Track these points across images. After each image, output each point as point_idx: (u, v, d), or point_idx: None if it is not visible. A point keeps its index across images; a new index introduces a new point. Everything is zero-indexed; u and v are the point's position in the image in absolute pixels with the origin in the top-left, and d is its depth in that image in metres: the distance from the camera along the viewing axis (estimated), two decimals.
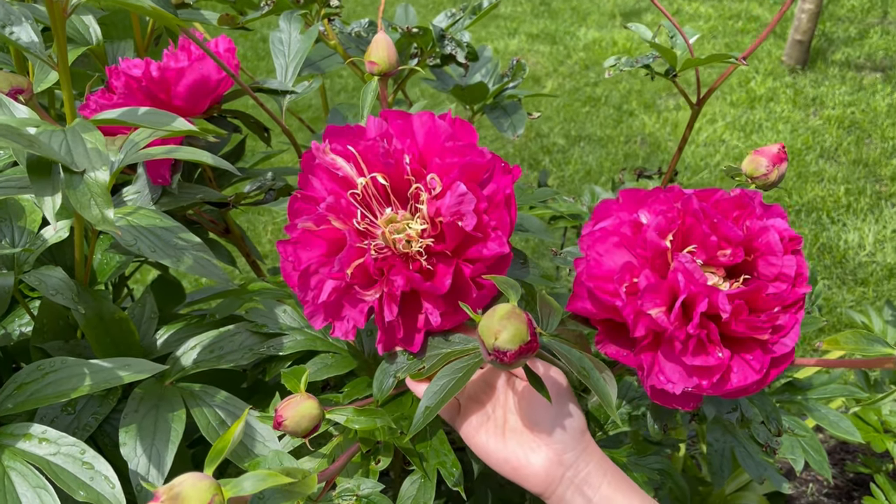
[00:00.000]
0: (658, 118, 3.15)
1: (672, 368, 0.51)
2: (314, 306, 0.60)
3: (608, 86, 3.46)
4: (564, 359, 0.50)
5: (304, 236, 0.59)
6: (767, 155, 0.60)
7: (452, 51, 0.93)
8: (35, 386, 0.59)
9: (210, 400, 0.67)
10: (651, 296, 0.49)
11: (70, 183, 0.51)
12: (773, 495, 1.40)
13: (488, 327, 0.47)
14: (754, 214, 0.50)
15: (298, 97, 0.83)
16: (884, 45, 3.85)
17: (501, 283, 0.52)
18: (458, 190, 0.54)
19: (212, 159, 0.64)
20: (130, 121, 0.56)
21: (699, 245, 0.51)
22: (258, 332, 0.72)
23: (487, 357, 0.48)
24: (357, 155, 0.58)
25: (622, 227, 0.53)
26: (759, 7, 4.31)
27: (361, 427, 0.59)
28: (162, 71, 0.73)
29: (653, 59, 0.89)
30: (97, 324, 0.68)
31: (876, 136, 3.02)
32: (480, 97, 1.09)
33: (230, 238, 0.89)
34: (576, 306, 0.54)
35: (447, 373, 0.55)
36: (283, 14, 0.88)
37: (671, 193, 0.52)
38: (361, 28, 1.08)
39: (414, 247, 0.57)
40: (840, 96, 3.32)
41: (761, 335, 0.49)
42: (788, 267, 0.49)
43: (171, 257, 0.65)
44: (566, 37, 3.97)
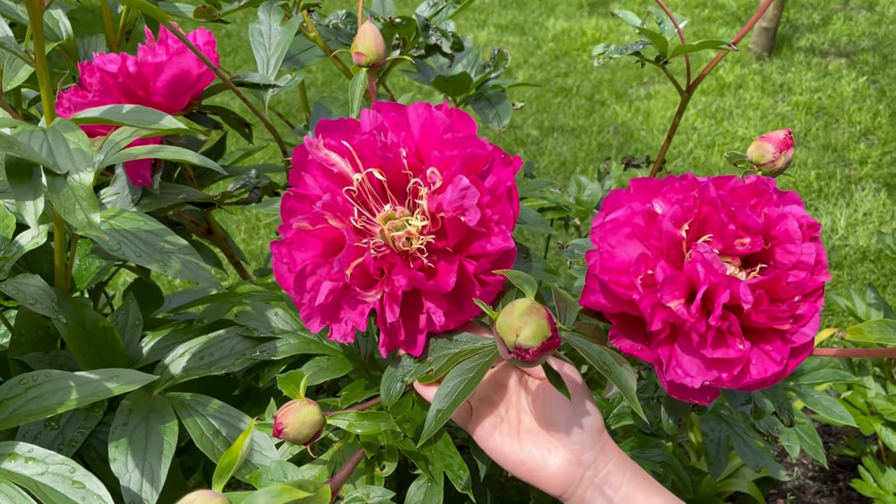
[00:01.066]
0: (630, 107, 3.16)
1: (690, 362, 0.49)
2: (311, 309, 0.58)
3: (579, 76, 3.45)
4: (585, 354, 0.48)
5: (298, 236, 0.56)
6: (774, 141, 0.59)
7: (437, 41, 0.91)
8: (18, 402, 0.56)
9: (202, 409, 0.64)
10: (670, 288, 0.47)
11: (53, 186, 0.48)
12: (761, 481, 1.41)
13: (508, 324, 0.45)
14: (771, 201, 0.49)
15: (281, 91, 0.80)
16: (847, 31, 3.90)
17: (516, 278, 0.50)
18: (461, 184, 0.52)
19: (197, 158, 0.62)
20: (114, 119, 0.53)
21: (715, 234, 0.49)
22: (249, 336, 0.69)
23: (508, 355, 0.46)
24: (352, 150, 0.56)
25: (635, 218, 0.51)
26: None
27: (364, 432, 0.56)
28: (139, 66, 0.70)
29: (642, 46, 0.87)
30: (80, 333, 0.64)
31: (843, 121, 3.06)
32: (464, 88, 1.07)
33: (212, 239, 0.86)
34: (589, 300, 0.52)
35: (457, 374, 0.53)
36: (262, 5, 0.84)
37: (685, 182, 0.51)
38: (339, 20, 1.05)
39: (414, 244, 0.54)
40: (807, 82, 3.36)
41: (782, 325, 0.48)
42: (808, 255, 0.48)
43: (157, 262, 0.62)
44: (535, 27, 3.96)
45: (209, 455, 0.61)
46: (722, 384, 0.49)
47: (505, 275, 0.51)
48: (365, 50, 0.63)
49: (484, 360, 0.53)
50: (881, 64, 3.55)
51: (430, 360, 0.56)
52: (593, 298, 0.52)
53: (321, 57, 1.02)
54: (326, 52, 0.98)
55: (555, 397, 0.51)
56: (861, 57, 3.62)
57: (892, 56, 3.61)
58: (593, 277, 0.52)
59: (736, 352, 0.47)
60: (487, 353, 0.54)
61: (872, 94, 3.28)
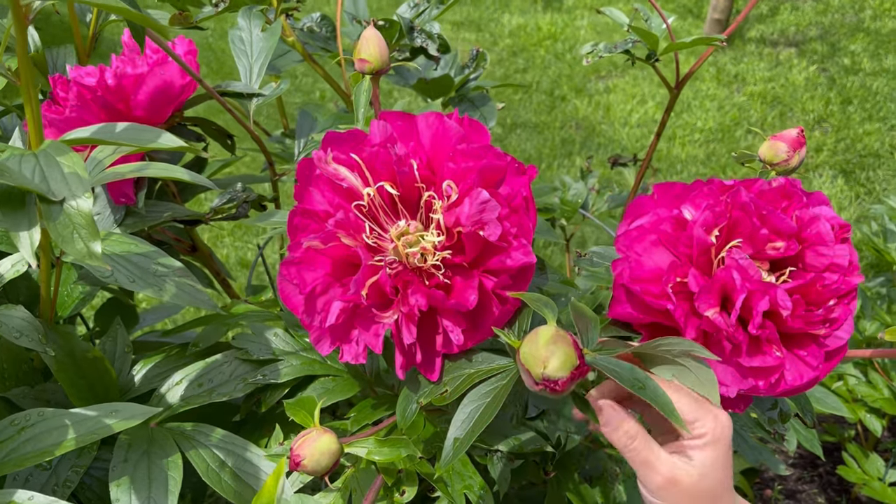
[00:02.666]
0: (590, 102, 3.17)
1: (724, 370, 0.48)
2: (321, 330, 0.55)
3: (537, 72, 3.46)
4: (615, 375, 0.46)
5: (307, 255, 0.53)
6: (787, 140, 0.58)
7: (423, 43, 0.88)
8: (11, 445, 0.52)
9: (205, 440, 0.61)
10: (706, 296, 0.46)
11: (48, 214, 0.44)
12: (747, 472, 1.42)
13: (533, 355, 0.43)
14: (801, 203, 0.48)
15: (267, 100, 0.77)
16: (794, 21, 3.98)
17: (534, 302, 0.48)
18: (480, 197, 0.50)
19: (187, 174, 0.58)
20: (108, 139, 0.49)
21: (745, 239, 0.48)
22: (249, 359, 0.66)
23: (535, 387, 0.44)
24: (361, 163, 0.53)
25: (662, 225, 0.49)
26: None
27: (384, 459, 0.54)
28: (119, 78, 0.66)
29: (632, 44, 0.86)
30: (69, 365, 0.60)
31: (797, 110, 3.12)
32: (445, 90, 1.04)
33: (197, 257, 0.82)
34: (617, 311, 0.50)
35: (474, 398, 0.51)
36: (241, 10, 0.81)
37: (713, 186, 0.49)
38: (314, 23, 1.02)
39: (429, 260, 0.52)
40: (760, 72, 3.42)
41: (817, 330, 0.47)
42: (841, 256, 0.47)
43: (152, 286, 0.59)
44: (490, 24, 3.95)
45: (216, 488, 0.58)
46: (758, 392, 0.47)
47: (522, 298, 0.49)
48: (368, 56, 0.60)
49: (501, 384, 0.51)
50: (829, 52, 3.63)
51: (444, 381, 0.54)
52: (621, 309, 0.50)
53: (298, 61, 0.99)
54: (305, 57, 0.94)
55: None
56: (810, 46, 3.70)
57: (840, 45, 3.70)
58: (621, 287, 0.50)
59: (774, 359, 0.46)
60: (505, 376, 0.51)
61: (823, 82, 3.36)
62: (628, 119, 3.03)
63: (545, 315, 0.46)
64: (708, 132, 2.96)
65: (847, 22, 3.95)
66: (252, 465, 0.61)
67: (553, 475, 0.68)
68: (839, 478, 1.51)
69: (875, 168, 2.77)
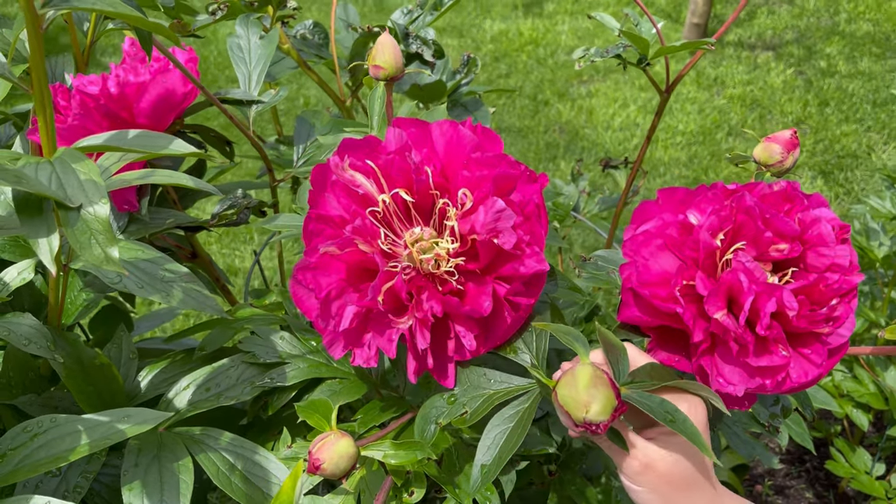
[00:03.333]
0: (573, 106, 3.20)
1: (731, 370, 0.49)
2: (335, 334, 0.56)
3: (520, 76, 3.48)
4: (646, 408, 0.47)
5: (323, 260, 0.54)
6: (781, 141, 0.60)
7: (418, 49, 0.89)
8: (24, 451, 0.52)
9: (214, 443, 0.61)
10: (714, 299, 0.47)
11: (66, 220, 0.44)
12: (737, 468, 1.44)
13: (574, 399, 0.44)
14: (803, 206, 0.49)
15: (267, 106, 0.78)
16: (771, 25, 4.04)
17: (565, 336, 0.48)
18: (496, 206, 0.51)
19: (192, 181, 0.59)
20: (121, 146, 0.50)
21: (749, 241, 0.50)
22: (255, 363, 0.66)
23: (575, 429, 0.45)
24: (377, 170, 0.54)
25: (668, 229, 0.51)
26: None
27: (400, 462, 0.55)
28: (121, 87, 0.67)
29: (623, 49, 0.88)
30: (78, 372, 0.61)
31: (776, 112, 3.17)
32: (438, 96, 1.05)
33: (197, 263, 0.82)
34: (626, 315, 0.51)
35: (498, 422, 0.52)
36: (239, 18, 0.82)
37: (716, 191, 0.51)
38: (306, 30, 1.03)
39: (443, 266, 0.53)
40: (739, 75, 3.46)
41: (821, 328, 0.48)
42: (842, 257, 0.48)
43: (160, 292, 0.59)
44: (472, 29, 3.97)
45: (227, 491, 0.59)
46: (765, 391, 0.49)
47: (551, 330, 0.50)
48: (383, 63, 0.61)
49: (524, 407, 0.52)
50: (806, 55, 3.68)
51: (463, 402, 0.55)
52: (629, 312, 0.52)
53: (293, 68, 0.99)
54: (300, 64, 0.95)
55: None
56: (786, 49, 3.75)
57: (815, 47, 3.76)
58: (629, 291, 0.51)
59: (780, 358, 0.47)
60: (527, 399, 0.52)
61: (800, 84, 3.41)
62: (611, 123, 3.06)
63: (578, 352, 0.46)
64: (689, 135, 2.99)
65: (822, 25, 4.01)
66: (261, 468, 0.61)
67: (557, 475, 0.69)
68: (826, 473, 1.54)
69: (853, 168, 2.82)
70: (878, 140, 2.98)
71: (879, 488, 1.23)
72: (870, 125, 3.08)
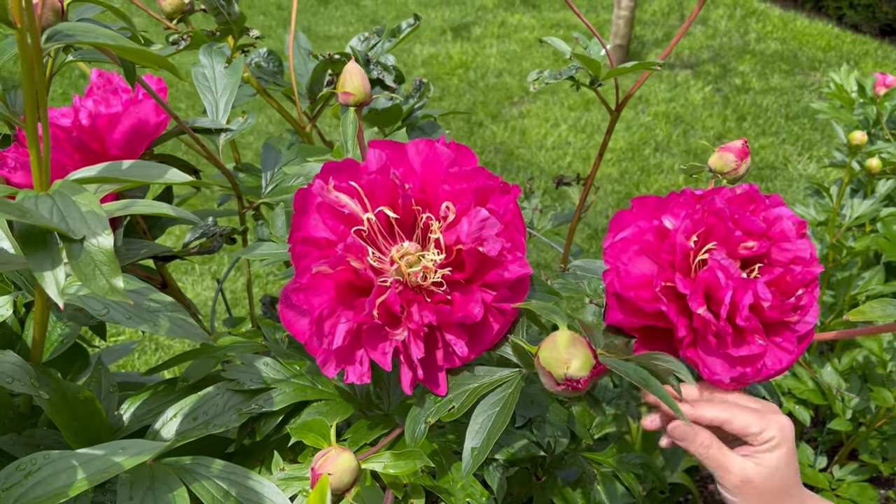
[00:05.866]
0: (506, 127, 3.27)
1: (714, 362, 0.53)
2: (327, 353, 0.57)
3: (452, 99, 3.54)
4: (621, 372, 0.50)
5: (314, 281, 0.55)
6: (734, 150, 0.65)
7: (379, 75, 0.91)
8: (19, 490, 0.51)
9: (206, 472, 0.61)
10: (696, 296, 0.50)
11: (70, 253, 0.44)
12: (689, 469, 1.49)
13: (555, 358, 0.47)
14: (765, 205, 0.54)
15: (235, 134, 0.78)
16: (688, 45, 4.23)
17: (544, 310, 0.51)
18: (480, 215, 0.54)
19: (173, 210, 0.59)
20: (115, 176, 0.50)
21: (720, 241, 0.53)
22: (241, 390, 0.66)
23: (556, 387, 0.48)
24: (360, 190, 0.56)
25: (645, 235, 0.54)
26: (575, 16, 4.60)
27: (399, 472, 0.56)
28: (93, 118, 0.67)
29: (575, 71, 0.92)
30: (63, 408, 0.60)
31: (698, 127, 3.31)
32: (395, 119, 1.08)
33: (168, 293, 0.82)
34: (611, 318, 0.54)
35: (484, 408, 0.54)
36: (202, 48, 0.82)
37: (686, 197, 0.54)
38: (261, 58, 1.04)
39: (430, 278, 0.55)
40: (661, 93, 3.61)
41: (790, 317, 0.52)
42: (803, 250, 0.53)
43: (147, 322, 0.59)
44: (403, 54, 4.02)
45: None
46: (746, 378, 0.53)
47: (532, 308, 0.53)
48: (353, 89, 0.63)
49: (508, 392, 0.54)
50: (721, 73, 3.87)
51: (450, 398, 0.57)
52: (614, 315, 0.55)
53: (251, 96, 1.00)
54: (260, 91, 0.96)
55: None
56: (703, 68, 3.94)
57: (730, 66, 3.96)
58: (612, 296, 0.54)
59: (758, 347, 0.51)
60: (510, 385, 0.55)
61: (718, 101, 3.58)
62: (544, 142, 3.14)
63: (556, 322, 0.49)
64: (619, 152, 3.10)
65: (734, 45, 4.23)
66: (255, 492, 0.61)
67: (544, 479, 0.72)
68: None
69: (772, 179, 2.97)
70: (792, 151, 3.15)
71: (823, 480, 1.30)
72: (784, 137, 3.25)
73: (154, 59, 0.46)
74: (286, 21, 4.41)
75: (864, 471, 1.38)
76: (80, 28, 0.47)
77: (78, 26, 0.47)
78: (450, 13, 4.59)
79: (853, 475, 1.37)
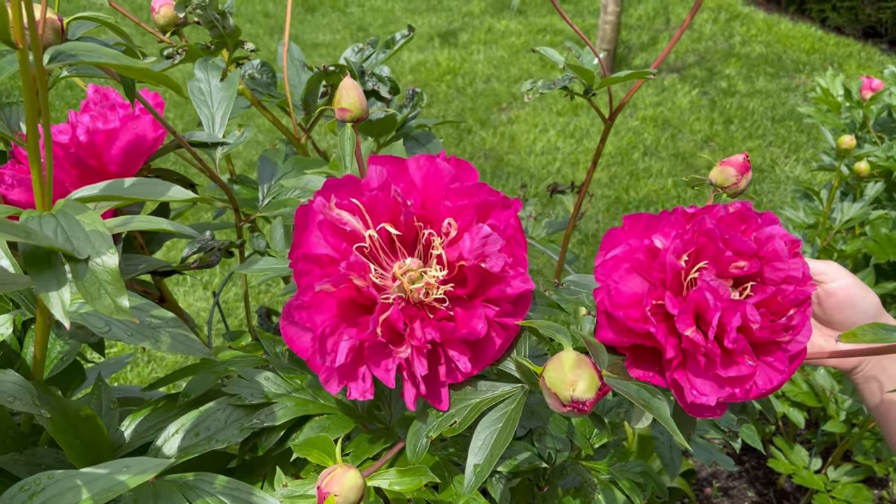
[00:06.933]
0: (495, 133, 3.28)
1: (703, 383, 0.53)
2: (330, 370, 0.57)
3: (441, 106, 3.54)
4: (624, 393, 0.50)
5: (317, 298, 0.55)
6: (735, 164, 0.65)
7: (374, 86, 0.92)
8: None
9: (210, 488, 0.61)
10: (684, 317, 0.51)
11: (75, 273, 0.44)
12: (685, 473, 1.50)
13: (561, 379, 0.47)
14: (757, 225, 0.54)
15: (231, 148, 0.78)
16: (673, 49, 4.26)
17: (548, 329, 0.51)
18: (482, 231, 0.54)
19: (171, 226, 0.59)
20: (118, 194, 0.50)
21: (710, 261, 0.54)
22: (242, 404, 0.66)
23: (563, 409, 0.48)
24: (362, 207, 0.56)
25: (636, 254, 0.54)
26: (561, 21, 4.62)
27: (404, 489, 0.56)
28: (91, 135, 0.66)
29: (569, 81, 0.93)
30: (65, 426, 0.60)
31: (686, 131, 3.33)
32: (389, 129, 1.08)
33: (166, 307, 0.81)
34: (601, 336, 0.55)
35: (487, 424, 0.54)
36: (197, 62, 0.82)
37: (677, 215, 0.55)
38: (255, 70, 1.04)
39: (432, 294, 0.55)
40: (649, 98, 3.63)
41: (781, 337, 0.53)
42: (795, 269, 0.53)
43: (149, 339, 0.59)
44: (391, 61, 4.02)
45: None
46: (735, 399, 0.53)
47: (534, 326, 0.53)
48: (349, 105, 0.63)
49: (511, 408, 0.55)
50: (707, 77, 3.90)
51: (452, 413, 0.57)
52: (605, 334, 0.55)
53: (246, 108, 1.00)
54: (254, 103, 0.96)
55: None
56: (690, 71, 3.96)
57: (716, 69, 3.99)
58: (603, 314, 0.55)
59: (747, 368, 0.52)
60: (513, 400, 0.55)
61: (705, 104, 3.61)
62: (533, 148, 3.15)
63: (562, 342, 0.49)
64: (608, 156, 3.12)
65: (720, 48, 4.26)
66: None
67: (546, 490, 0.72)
68: (765, 471, 1.62)
69: (760, 182, 2.99)
70: (779, 154, 3.18)
71: (819, 481, 1.31)
72: (771, 140, 3.28)
73: (156, 77, 0.46)
74: (273, 29, 4.41)
75: (858, 472, 1.39)
76: (82, 48, 0.47)
77: (80, 46, 0.47)
78: (437, 20, 4.61)
79: (848, 476, 1.38)
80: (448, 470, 0.65)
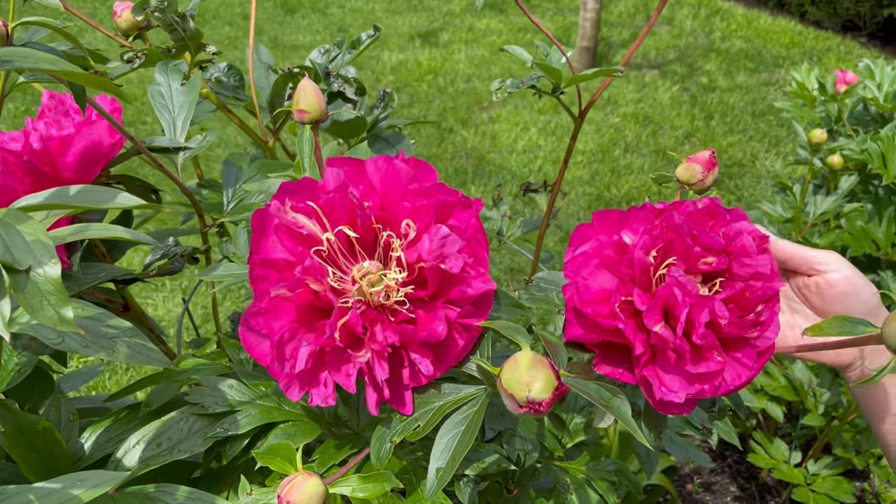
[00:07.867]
0: (476, 132, 3.27)
1: (672, 379, 0.52)
2: (290, 377, 0.56)
3: (423, 106, 3.53)
4: (583, 393, 0.50)
5: (273, 304, 0.54)
6: (701, 161, 0.65)
7: (340, 87, 0.91)
8: None
9: (171, 499, 0.60)
10: (652, 313, 0.50)
11: (15, 284, 0.43)
12: (666, 470, 1.50)
13: (517, 380, 0.46)
14: (725, 220, 0.54)
15: (194, 152, 0.77)
16: (654, 45, 4.27)
17: (507, 330, 0.51)
18: (441, 232, 0.53)
19: (128, 233, 0.58)
20: (63, 203, 0.49)
21: (679, 257, 0.53)
22: (205, 413, 0.65)
23: (519, 410, 0.47)
24: (318, 210, 0.55)
25: (604, 250, 0.54)
26: (542, 19, 4.62)
27: (368, 495, 0.55)
28: (45, 141, 0.65)
29: (537, 80, 0.92)
30: (20, 440, 0.58)
31: (667, 127, 3.34)
32: (359, 131, 1.07)
33: (130, 315, 0.80)
34: (570, 333, 0.54)
35: (449, 428, 0.53)
36: (158, 66, 0.81)
37: (646, 211, 0.54)
38: (221, 73, 1.03)
39: (393, 297, 0.54)
40: (629, 94, 3.64)
41: (749, 333, 0.52)
42: (763, 265, 0.53)
43: (104, 349, 0.58)
44: (371, 61, 4.01)
45: None
46: (704, 395, 0.52)
47: (493, 327, 0.52)
48: (307, 107, 0.62)
49: (473, 411, 0.54)
50: (688, 73, 3.91)
51: (416, 416, 0.56)
52: (573, 331, 0.54)
53: (212, 111, 0.99)
54: (220, 107, 0.95)
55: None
56: (670, 68, 3.97)
57: (696, 65, 4.00)
58: (572, 310, 0.54)
59: (716, 364, 0.51)
60: (475, 403, 0.54)
61: (686, 100, 3.61)
62: (514, 146, 3.15)
63: (519, 342, 0.49)
64: (589, 154, 3.12)
65: (700, 44, 4.27)
66: None
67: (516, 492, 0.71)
68: (747, 466, 1.62)
69: (741, 176, 3.00)
70: (759, 149, 3.19)
71: (799, 475, 1.31)
72: (751, 135, 3.29)
73: (97, 83, 0.45)
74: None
75: (838, 464, 1.39)
76: (19, 53, 0.46)
77: (17, 52, 0.46)
78: (418, 19, 4.59)
79: (828, 469, 1.38)
80: (416, 475, 0.64)
